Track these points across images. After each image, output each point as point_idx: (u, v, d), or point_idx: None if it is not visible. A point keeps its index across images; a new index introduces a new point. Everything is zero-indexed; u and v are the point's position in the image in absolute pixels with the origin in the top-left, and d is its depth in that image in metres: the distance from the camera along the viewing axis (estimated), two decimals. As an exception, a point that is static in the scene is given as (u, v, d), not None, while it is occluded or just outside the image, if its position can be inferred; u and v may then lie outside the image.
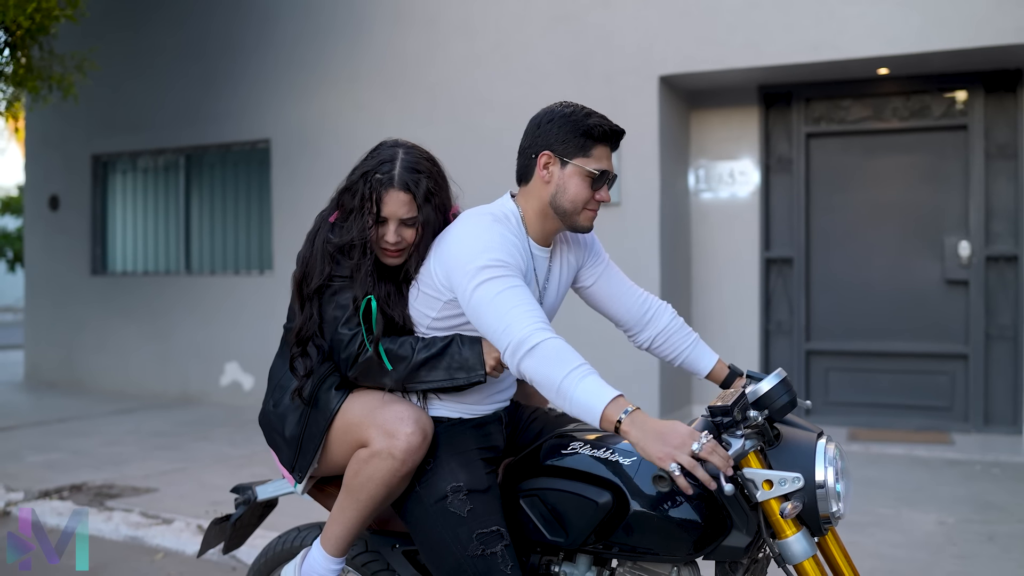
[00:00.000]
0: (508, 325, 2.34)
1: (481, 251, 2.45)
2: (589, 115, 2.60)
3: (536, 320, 2.34)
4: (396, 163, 2.68)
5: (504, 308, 2.36)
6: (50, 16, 7.88)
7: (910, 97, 8.30)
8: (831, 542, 2.46)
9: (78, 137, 11.68)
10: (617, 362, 8.05)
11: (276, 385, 2.82)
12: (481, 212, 2.62)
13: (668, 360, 2.99)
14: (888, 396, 8.36)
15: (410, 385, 2.61)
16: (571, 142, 2.58)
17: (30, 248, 12.42)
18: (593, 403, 2.22)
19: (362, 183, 2.67)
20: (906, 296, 8.34)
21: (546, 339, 2.30)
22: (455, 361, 2.58)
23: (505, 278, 2.41)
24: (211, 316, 10.46)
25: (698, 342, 2.97)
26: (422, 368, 2.59)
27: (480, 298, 2.41)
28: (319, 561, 2.70)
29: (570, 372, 2.25)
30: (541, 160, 2.61)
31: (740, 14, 7.88)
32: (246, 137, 10.40)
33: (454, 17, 9.10)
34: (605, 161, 2.62)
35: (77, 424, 9.03)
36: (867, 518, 5.57)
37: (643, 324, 2.98)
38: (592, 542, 2.51)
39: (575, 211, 2.61)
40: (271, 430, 2.81)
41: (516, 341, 2.32)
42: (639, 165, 8.10)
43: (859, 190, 8.54)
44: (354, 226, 2.66)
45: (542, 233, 2.68)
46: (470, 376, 2.57)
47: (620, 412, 2.19)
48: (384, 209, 2.65)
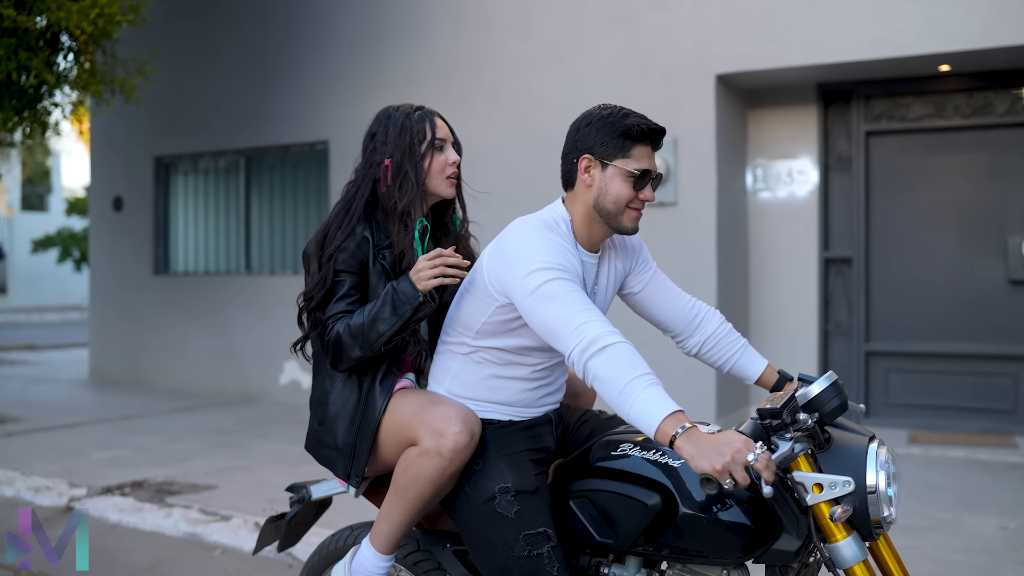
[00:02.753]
0: (581, 324, 2.32)
1: (540, 255, 2.45)
2: (627, 115, 2.58)
3: (605, 322, 2.35)
4: (412, 106, 2.94)
5: (573, 308, 2.36)
6: (113, 21, 8.03)
7: (972, 94, 8.17)
8: (883, 547, 2.43)
9: (141, 139, 11.88)
10: (672, 364, 8.00)
11: (317, 404, 2.88)
12: (533, 219, 2.61)
13: (717, 366, 2.97)
14: (949, 398, 8.23)
15: (375, 344, 2.66)
16: (610, 144, 2.57)
17: (95, 248, 12.66)
18: (653, 413, 2.20)
19: (408, 126, 2.86)
20: (968, 296, 8.21)
21: (617, 342, 2.29)
22: (396, 300, 2.63)
23: (566, 281, 2.41)
24: (270, 315, 10.57)
25: (747, 347, 2.94)
26: (375, 324, 2.65)
27: (544, 298, 2.40)
28: (368, 559, 2.73)
29: (636, 378, 2.24)
30: (582, 164, 2.61)
31: (798, 12, 7.80)
32: (305, 138, 10.51)
33: (510, 18, 9.12)
34: (646, 161, 2.59)
35: (140, 421, 9.19)
36: (926, 522, 5.49)
37: (691, 330, 2.95)
38: (641, 544, 2.50)
39: (618, 212, 2.59)
40: (321, 447, 2.85)
41: (589, 339, 2.30)
42: (696, 164, 8.05)
43: (920, 189, 8.41)
44: (409, 175, 2.82)
45: (589, 239, 2.67)
46: (412, 303, 2.61)
47: (677, 427, 2.16)
48: (439, 133, 2.89)
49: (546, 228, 2.57)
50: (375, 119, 2.94)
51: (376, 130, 2.91)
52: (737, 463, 2.09)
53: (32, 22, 7.73)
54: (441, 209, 3.00)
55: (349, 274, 2.77)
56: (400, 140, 2.84)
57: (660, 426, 2.18)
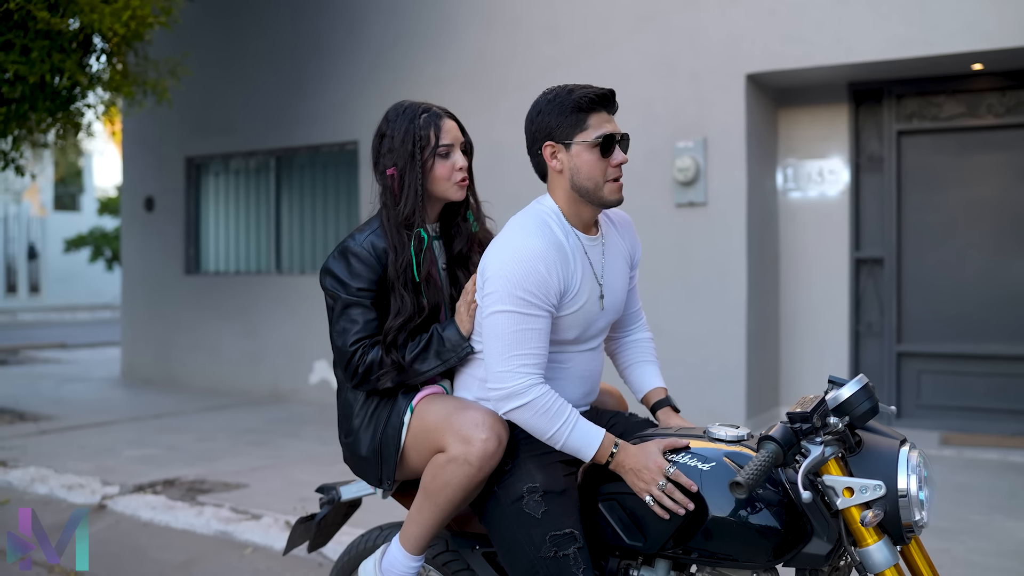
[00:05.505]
0: (504, 371, 2.52)
1: (506, 277, 2.52)
2: (571, 91, 2.60)
3: (534, 371, 2.52)
4: (420, 106, 2.89)
5: (510, 349, 2.51)
6: (145, 23, 8.09)
7: (1005, 93, 8.09)
8: (914, 551, 2.42)
9: (172, 140, 11.97)
10: (703, 365, 8.01)
11: (342, 417, 2.91)
12: (527, 227, 2.61)
13: (620, 367, 3.07)
14: (982, 400, 8.16)
15: (409, 381, 2.76)
16: (565, 123, 2.59)
17: (126, 248, 12.76)
18: (583, 450, 2.52)
19: (411, 132, 2.83)
20: (1001, 297, 8.13)
21: (533, 399, 2.49)
22: (441, 346, 2.73)
23: (516, 315, 2.51)
24: (301, 315, 10.62)
25: (653, 364, 3.03)
26: (414, 364, 2.74)
27: (489, 325, 2.55)
28: (399, 559, 2.74)
29: (557, 430, 2.50)
30: (546, 152, 2.64)
31: (829, 10, 7.75)
32: (335, 139, 10.56)
33: (539, 18, 9.12)
34: (606, 126, 2.59)
35: (171, 420, 9.26)
36: (958, 525, 5.44)
37: (622, 328, 3.06)
38: (671, 547, 2.50)
39: (597, 187, 2.61)
40: (353, 458, 2.89)
41: (508, 390, 2.51)
42: (726, 164, 8.02)
43: (952, 189, 8.34)
44: (410, 186, 2.82)
45: (581, 220, 2.69)
46: (459, 353, 2.74)
47: (607, 454, 2.51)
48: (445, 138, 2.85)
49: (537, 228, 2.60)
50: (384, 117, 2.93)
51: (385, 131, 2.90)
52: (653, 484, 2.43)
53: (65, 24, 7.80)
54: (455, 208, 3.00)
55: (368, 292, 2.82)
56: (403, 148, 2.83)
57: (595, 456, 2.52)
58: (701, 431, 2.58)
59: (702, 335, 8.01)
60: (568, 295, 2.59)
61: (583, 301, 2.64)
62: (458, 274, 2.94)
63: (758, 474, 2.21)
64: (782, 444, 2.25)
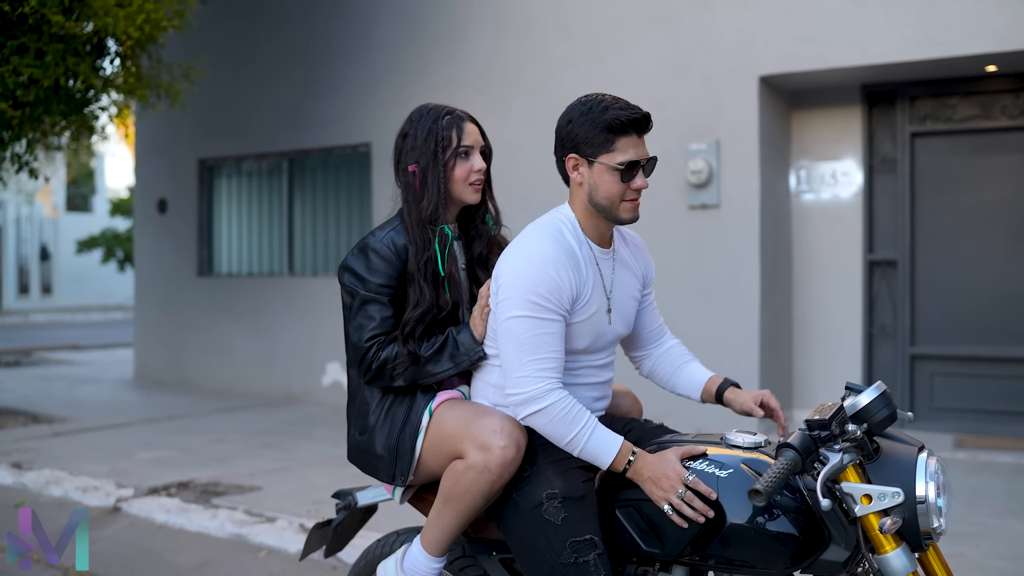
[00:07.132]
0: (523, 375, 2.52)
1: (523, 282, 2.52)
2: (607, 108, 2.57)
3: (552, 375, 2.53)
4: (444, 108, 2.94)
5: (528, 354, 2.52)
6: (158, 27, 8.12)
7: (1019, 95, 8.06)
8: (932, 558, 2.41)
9: (185, 142, 12.00)
10: (716, 367, 7.94)
11: (357, 415, 2.92)
12: (540, 233, 2.63)
13: (666, 377, 3.06)
14: (996, 402, 8.13)
15: (421, 381, 2.78)
16: (593, 140, 2.58)
17: (139, 249, 12.80)
18: (601, 457, 2.51)
19: (434, 132, 2.88)
20: (1015, 298, 8.10)
21: (552, 403, 2.49)
22: (455, 349, 2.75)
23: (533, 320, 2.52)
24: (313, 317, 10.64)
25: (693, 361, 3.05)
26: (427, 364, 2.75)
27: (506, 331, 2.55)
28: (421, 561, 2.75)
29: (577, 433, 2.50)
30: (569, 163, 2.66)
31: (842, 12, 7.74)
32: (347, 141, 10.58)
33: (551, 19, 9.12)
34: (631, 151, 2.58)
35: (184, 422, 9.28)
36: (973, 528, 5.43)
37: (652, 345, 3.07)
38: (688, 554, 2.50)
39: (612, 206, 2.62)
40: (364, 456, 2.88)
41: (526, 395, 2.51)
42: (739, 166, 8.01)
43: (966, 190, 8.31)
44: (433, 183, 2.85)
45: (597, 233, 2.70)
46: (471, 357, 2.76)
47: (624, 462, 2.50)
48: (466, 139, 2.90)
49: (549, 234, 2.61)
50: (408, 119, 2.99)
51: (408, 131, 2.95)
52: (672, 492, 2.42)
53: (79, 28, 7.83)
54: (472, 212, 3.01)
55: (388, 288, 2.84)
56: (426, 146, 2.88)
57: (612, 464, 2.51)
58: (718, 437, 2.58)
59: (715, 337, 8.00)
60: (580, 301, 2.60)
61: (593, 310, 2.65)
62: (479, 274, 2.96)
63: (777, 481, 2.20)
64: (800, 451, 2.24)
